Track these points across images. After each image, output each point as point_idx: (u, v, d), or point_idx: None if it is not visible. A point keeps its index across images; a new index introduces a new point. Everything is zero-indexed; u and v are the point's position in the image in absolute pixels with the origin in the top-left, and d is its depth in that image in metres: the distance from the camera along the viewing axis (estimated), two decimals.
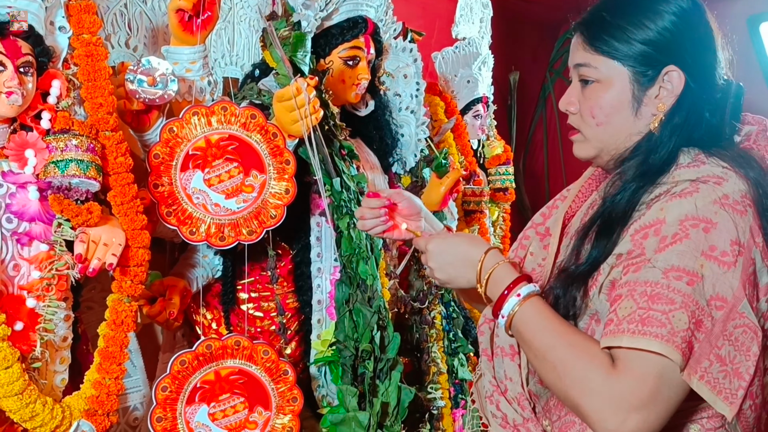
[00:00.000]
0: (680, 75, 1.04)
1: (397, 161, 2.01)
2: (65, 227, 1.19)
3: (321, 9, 1.60)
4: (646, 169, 1.04)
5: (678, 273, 0.94)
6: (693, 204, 0.97)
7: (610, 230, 1.04)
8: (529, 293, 1.04)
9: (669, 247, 0.95)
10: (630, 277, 0.97)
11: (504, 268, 1.07)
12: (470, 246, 1.12)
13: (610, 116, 1.07)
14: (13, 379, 1.12)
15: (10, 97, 1.11)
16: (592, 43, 1.08)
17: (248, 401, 1.49)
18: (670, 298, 0.93)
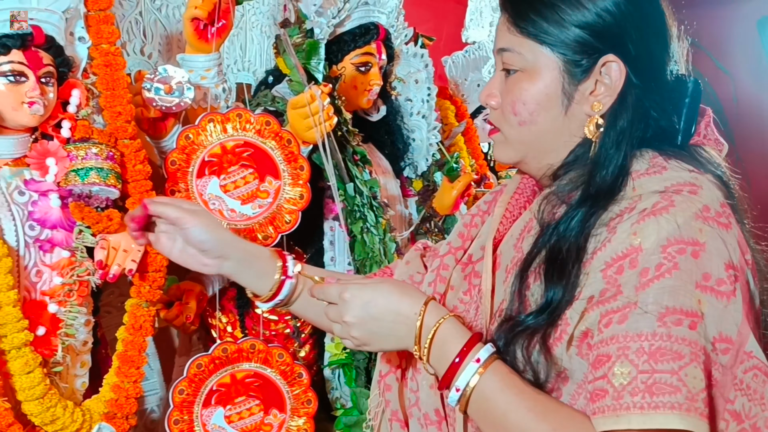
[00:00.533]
0: (620, 67, 0.85)
1: (409, 165, 2.02)
2: (86, 234, 1.21)
3: (333, 16, 1.62)
4: (595, 192, 0.84)
5: (676, 316, 0.75)
6: (673, 223, 0.78)
7: (562, 269, 0.83)
8: (489, 357, 0.83)
9: (654, 282, 0.76)
10: (616, 330, 0.77)
11: (450, 325, 0.86)
12: (403, 296, 0.89)
13: (534, 114, 0.89)
14: (34, 383, 1.14)
15: (32, 107, 1.14)
16: (517, 24, 0.89)
17: (263, 404, 1.51)
18: (676, 351, 0.74)
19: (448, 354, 0.84)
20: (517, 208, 1.01)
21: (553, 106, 0.88)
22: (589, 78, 0.87)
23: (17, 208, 1.18)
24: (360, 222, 1.63)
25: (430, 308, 0.87)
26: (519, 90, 0.89)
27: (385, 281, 0.95)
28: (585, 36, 0.86)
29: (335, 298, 0.92)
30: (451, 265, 1.02)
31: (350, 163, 1.64)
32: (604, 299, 0.79)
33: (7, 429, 1.10)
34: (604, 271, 0.79)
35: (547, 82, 0.88)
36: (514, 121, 0.90)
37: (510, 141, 0.93)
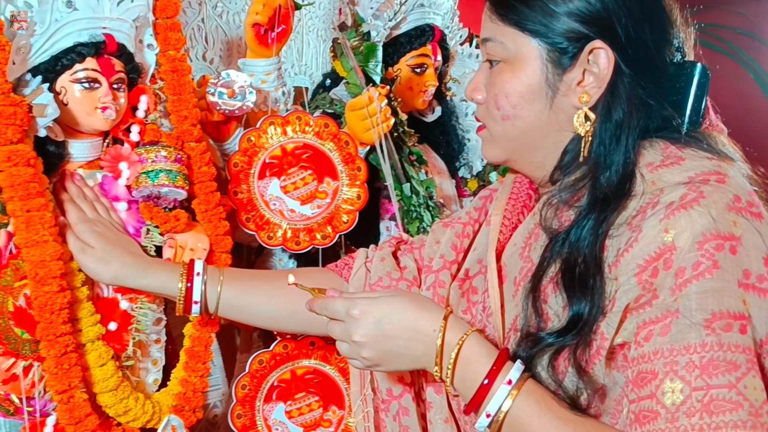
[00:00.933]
0: (609, 55, 0.78)
1: (464, 166, 2.03)
2: (154, 233, 1.26)
3: (390, 19, 1.64)
4: (603, 193, 0.77)
5: (724, 320, 0.68)
6: (707, 216, 0.70)
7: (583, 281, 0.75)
8: (520, 377, 0.77)
9: (692, 282, 0.69)
10: (659, 344, 0.69)
11: (474, 341, 0.79)
12: (419, 311, 0.81)
13: (517, 107, 0.82)
14: (107, 375, 1.19)
15: (105, 112, 1.19)
16: (498, 11, 0.83)
17: (323, 400, 1.54)
18: (731, 361, 0.67)
19: (475, 374, 0.77)
20: (514, 214, 0.94)
21: (536, 99, 0.81)
22: (575, 67, 0.80)
23: None
24: (416, 222, 1.65)
25: (450, 323, 0.80)
26: (501, 82, 0.83)
27: (397, 294, 0.87)
28: (570, 21, 0.79)
29: (341, 315, 0.84)
30: (447, 282, 0.95)
31: (406, 164, 1.66)
32: (638, 305, 0.72)
33: (84, 419, 1.15)
34: (638, 275, 0.72)
35: (529, 72, 0.81)
36: (497, 115, 0.84)
37: (495, 138, 0.87)
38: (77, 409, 1.14)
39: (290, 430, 1.51)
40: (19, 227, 1.09)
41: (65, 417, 1.14)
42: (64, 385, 1.13)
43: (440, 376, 0.80)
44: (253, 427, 1.50)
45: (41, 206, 1.11)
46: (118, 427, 1.24)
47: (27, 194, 1.09)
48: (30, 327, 1.11)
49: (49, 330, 1.11)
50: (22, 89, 1.12)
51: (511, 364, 0.78)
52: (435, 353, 0.79)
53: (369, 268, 1.13)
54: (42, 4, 1.10)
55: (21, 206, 1.09)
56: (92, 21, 1.16)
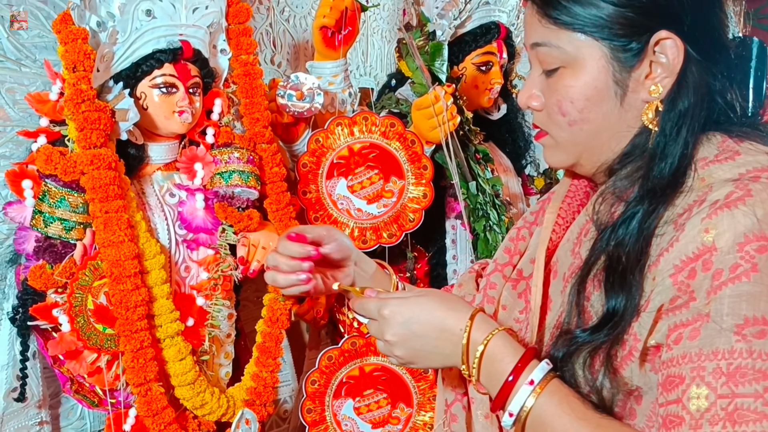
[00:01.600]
0: (677, 43, 0.74)
1: (531, 163, 2.01)
2: (228, 232, 1.30)
3: (455, 17, 1.64)
4: (653, 186, 0.75)
5: (758, 327, 0.65)
6: (751, 216, 0.67)
7: (623, 277, 0.74)
8: (544, 376, 0.76)
9: (727, 285, 0.66)
10: (687, 347, 0.67)
11: (501, 340, 0.78)
12: (447, 310, 0.81)
13: (585, 111, 0.78)
14: (186, 369, 1.23)
15: (182, 116, 1.23)
16: (548, 14, 0.78)
17: (391, 397, 1.55)
18: (760, 370, 0.64)
19: (500, 372, 0.77)
20: (570, 213, 0.92)
21: (605, 100, 0.77)
22: (642, 61, 0.76)
23: (168, 209, 1.28)
24: (483, 220, 1.64)
25: (477, 322, 0.79)
26: (564, 88, 0.79)
27: (427, 294, 0.86)
28: (628, 15, 0.74)
29: (374, 314, 0.85)
30: (499, 284, 0.94)
31: (472, 162, 1.66)
32: (674, 307, 0.69)
33: (161, 411, 1.19)
34: (674, 276, 0.70)
35: (594, 73, 0.77)
36: (563, 122, 0.80)
37: (561, 144, 0.83)
38: (154, 402, 1.19)
39: (359, 426, 1.53)
40: (98, 227, 1.14)
41: (143, 409, 1.19)
42: (141, 379, 1.18)
43: (467, 374, 0.80)
44: (323, 422, 1.52)
45: (119, 208, 1.15)
46: (195, 420, 1.28)
47: (107, 196, 1.14)
48: (111, 322, 1.17)
49: (126, 326, 1.16)
50: (105, 95, 1.17)
51: (536, 363, 0.77)
52: (462, 351, 0.79)
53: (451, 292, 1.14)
54: (124, 13, 1.15)
55: (101, 207, 1.14)
56: (170, 28, 1.20)
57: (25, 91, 1.19)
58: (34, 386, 1.25)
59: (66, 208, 1.14)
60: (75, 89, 1.10)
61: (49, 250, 1.14)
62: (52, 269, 1.14)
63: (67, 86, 1.11)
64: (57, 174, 1.12)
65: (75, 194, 1.14)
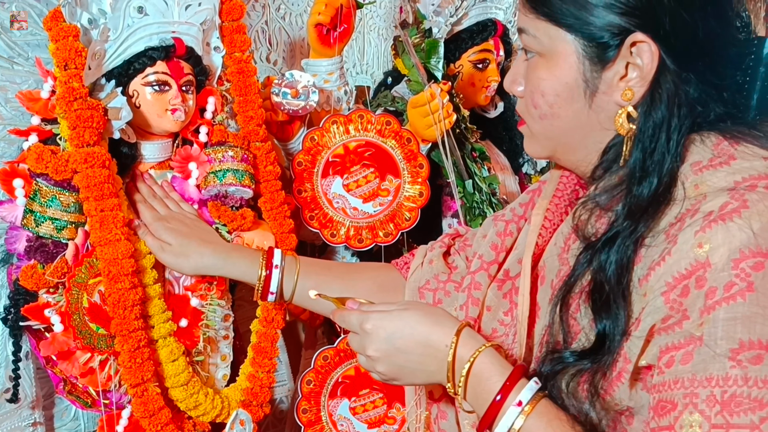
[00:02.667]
0: (651, 48, 0.71)
1: (528, 162, 2.00)
2: (222, 231, 1.29)
3: (451, 15, 1.63)
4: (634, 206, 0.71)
5: (754, 351, 0.61)
6: (747, 229, 0.63)
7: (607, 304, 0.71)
8: (533, 396, 0.74)
9: (721, 305, 0.62)
10: (679, 372, 0.64)
11: (488, 357, 0.76)
12: (432, 325, 0.79)
13: (555, 107, 0.77)
14: (179, 370, 1.23)
15: (175, 114, 1.22)
16: (530, 3, 0.77)
17: (387, 397, 1.54)
18: (756, 399, 0.60)
19: (487, 392, 0.74)
20: (557, 214, 0.90)
21: (574, 98, 0.76)
22: (615, 62, 0.73)
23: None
24: (479, 219, 1.63)
25: (463, 338, 0.77)
26: (537, 79, 0.78)
27: (410, 307, 0.83)
28: (606, 13, 0.72)
29: (356, 328, 0.83)
30: (484, 284, 0.91)
31: (469, 160, 1.65)
32: (666, 327, 0.66)
33: (158, 412, 1.18)
34: (666, 294, 0.66)
35: (566, 69, 0.75)
36: (535, 114, 0.80)
37: (535, 135, 0.82)
38: (150, 402, 1.18)
39: (354, 426, 1.52)
40: (94, 226, 1.13)
41: (139, 410, 1.18)
42: (138, 379, 1.17)
43: (453, 392, 0.78)
44: (318, 422, 1.51)
45: (114, 206, 1.14)
46: (189, 420, 1.27)
47: (101, 194, 1.13)
48: (105, 322, 1.16)
49: (122, 325, 1.15)
50: (97, 93, 1.16)
51: (525, 382, 0.75)
52: (447, 368, 0.77)
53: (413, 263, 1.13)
54: (115, 10, 1.14)
55: (96, 206, 1.13)
56: (162, 26, 1.19)
57: (17, 89, 1.18)
58: (27, 387, 1.24)
59: (57, 208, 1.13)
60: (67, 87, 1.09)
61: (40, 250, 1.13)
62: (43, 269, 1.13)
63: (59, 84, 1.10)
64: (48, 173, 1.11)
65: (66, 193, 1.13)
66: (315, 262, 1.22)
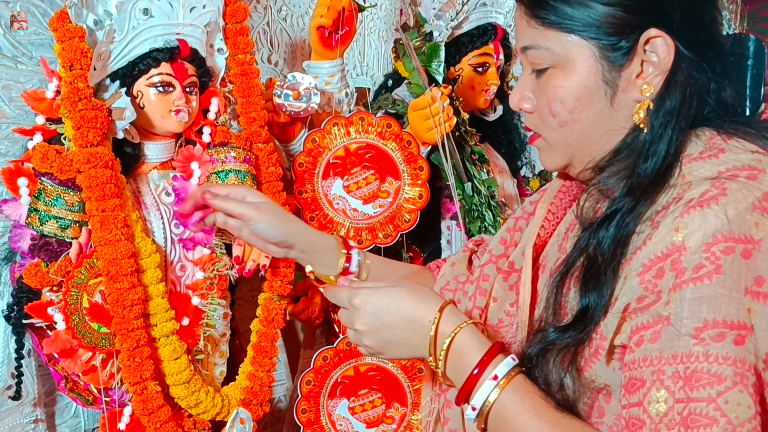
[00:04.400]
0: (667, 41, 0.73)
1: (526, 165, 2.02)
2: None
3: (452, 18, 1.64)
4: (636, 184, 0.74)
5: (717, 329, 0.64)
6: (722, 216, 0.66)
7: (596, 276, 0.73)
8: (508, 372, 0.75)
9: (688, 285, 0.65)
10: (648, 350, 0.67)
11: (468, 333, 0.78)
12: (417, 302, 0.81)
13: (575, 112, 0.77)
14: (181, 368, 1.23)
15: (179, 115, 1.23)
16: (536, 14, 0.78)
17: (385, 397, 1.55)
18: (715, 374, 0.63)
19: (465, 366, 0.76)
20: (561, 209, 0.92)
21: (595, 100, 0.76)
22: (632, 60, 0.75)
23: (164, 208, 1.28)
24: (478, 221, 1.65)
25: (446, 314, 0.79)
26: (553, 89, 0.78)
27: (398, 285, 0.85)
28: (617, 13, 0.74)
29: (345, 303, 0.85)
30: (492, 275, 0.93)
31: (468, 163, 1.66)
32: (641, 307, 0.68)
33: (158, 410, 1.19)
34: (641, 275, 0.69)
35: (584, 74, 0.76)
36: (553, 123, 0.80)
37: (554, 145, 0.82)
38: (151, 400, 1.19)
39: (353, 425, 1.53)
40: (95, 226, 1.14)
41: (139, 407, 1.19)
42: (137, 377, 1.18)
43: (434, 366, 0.80)
44: (317, 422, 1.52)
45: (116, 206, 1.15)
46: (189, 419, 1.28)
47: (103, 195, 1.14)
48: (106, 321, 1.17)
49: (122, 325, 1.16)
50: (101, 94, 1.17)
51: (502, 358, 0.77)
52: (429, 343, 0.79)
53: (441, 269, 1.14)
54: (121, 12, 1.15)
55: (97, 206, 1.14)
56: (167, 27, 1.20)
57: (22, 88, 1.19)
58: (29, 384, 1.25)
59: (62, 207, 1.14)
60: (72, 87, 1.10)
61: (44, 249, 1.14)
62: (47, 267, 1.14)
63: (64, 84, 1.11)
64: (53, 172, 1.12)
65: (71, 192, 1.14)
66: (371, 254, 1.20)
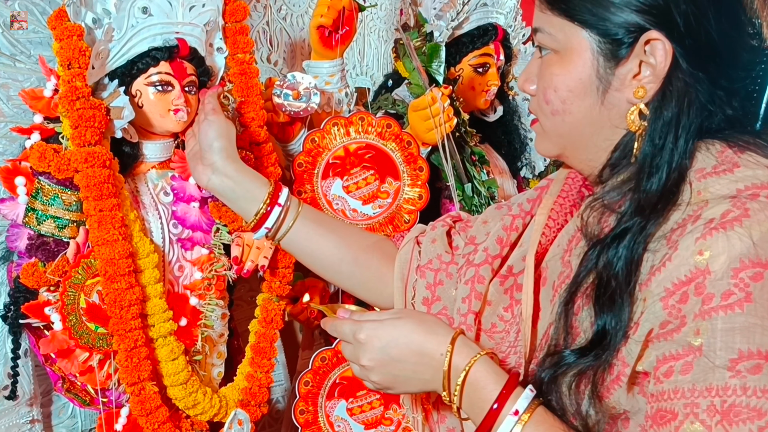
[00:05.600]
0: (665, 47, 0.72)
1: (526, 165, 2.01)
2: (223, 232, 1.29)
3: (453, 19, 1.64)
4: (644, 202, 0.72)
5: (753, 361, 0.62)
6: (747, 239, 0.63)
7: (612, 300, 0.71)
8: (528, 406, 0.74)
9: (718, 313, 0.63)
10: (679, 382, 0.65)
11: (483, 365, 0.76)
12: (426, 334, 0.79)
13: (567, 102, 0.77)
14: (179, 369, 1.23)
15: (177, 114, 1.22)
16: (547, 1, 0.79)
17: (384, 398, 1.55)
18: (755, 408, 0.61)
19: (483, 401, 0.75)
20: (561, 214, 0.90)
21: (587, 94, 0.76)
22: (629, 59, 0.74)
23: (163, 208, 1.27)
24: None
25: (458, 346, 0.77)
26: (550, 75, 0.78)
27: (404, 315, 0.83)
28: (622, 10, 0.73)
29: (349, 338, 0.83)
30: (487, 278, 0.91)
31: (468, 164, 1.66)
32: (664, 332, 0.67)
33: (155, 410, 1.19)
34: (665, 299, 0.67)
35: (579, 66, 0.75)
36: (546, 110, 0.80)
37: (547, 132, 0.82)
38: (148, 401, 1.18)
39: (352, 427, 1.52)
40: (92, 225, 1.13)
41: (137, 408, 1.18)
42: (135, 378, 1.17)
43: (449, 401, 0.78)
44: (315, 423, 1.52)
45: (113, 206, 1.14)
46: (187, 419, 1.28)
47: (101, 194, 1.13)
48: (104, 321, 1.16)
49: (119, 325, 1.15)
50: (100, 92, 1.16)
51: (521, 390, 0.75)
52: (443, 377, 0.77)
53: (420, 242, 1.10)
54: (120, 11, 1.14)
55: (95, 206, 1.13)
56: (166, 26, 1.19)
57: (20, 87, 1.18)
58: (25, 384, 1.24)
59: (59, 206, 1.13)
60: (70, 86, 1.09)
61: (41, 248, 1.13)
62: (44, 267, 1.13)
63: (62, 83, 1.10)
64: (50, 171, 1.11)
65: (68, 192, 1.13)
66: (317, 213, 1.16)
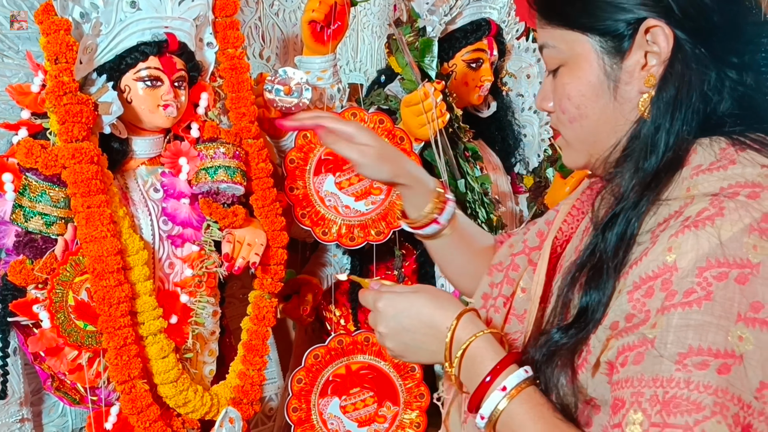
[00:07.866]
0: (665, 31, 0.72)
1: (520, 161, 2.01)
2: (213, 229, 1.28)
3: (446, 14, 1.63)
4: (641, 179, 0.72)
5: (701, 357, 0.62)
6: (715, 239, 0.64)
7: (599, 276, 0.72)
8: (518, 384, 0.75)
9: (676, 309, 0.64)
10: (631, 371, 0.66)
11: (483, 342, 0.79)
12: (436, 308, 0.83)
13: (581, 107, 0.78)
14: (169, 367, 1.22)
15: (167, 110, 1.21)
16: (543, 15, 0.80)
17: (377, 396, 1.54)
18: (695, 402, 0.62)
19: (478, 374, 0.77)
20: (585, 205, 0.91)
21: (599, 94, 0.77)
22: (632, 52, 0.74)
23: (153, 204, 1.26)
24: (471, 218, 1.63)
25: (463, 322, 0.80)
26: (562, 86, 0.79)
27: (421, 290, 0.87)
28: (614, 5, 0.74)
29: (371, 306, 0.88)
30: (522, 266, 0.93)
31: (461, 160, 1.65)
32: (628, 327, 0.68)
33: (146, 408, 1.18)
34: (631, 293, 0.68)
35: (586, 68, 0.77)
36: (564, 120, 0.81)
37: (569, 142, 0.83)
38: (139, 399, 1.17)
39: (345, 424, 1.52)
40: (80, 222, 1.12)
41: (128, 406, 1.17)
42: (125, 376, 1.16)
43: (450, 372, 0.81)
44: (308, 421, 1.51)
45: (101, 203, 1.13)
46: (178, 418, 1.27)
47: (89, 191, 1.12)
48: (92, 319, 1.15)
49: (109, 323, 1.14)
50: (88, 88, 1.15)
51: (515, 368, 0.77)
52: (446, 348, 0.81)
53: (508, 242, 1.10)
54: (107, 5, 1.13)
55: (83, 202, 1.12)
56: (155, 21, 1.18)
57: (7, 82, 1.17)
58: (15, 383, 1.23)
59: (47, 203, 1.12)
60: (57, 81, 1.08)
61: (29, 245, 1.12)
62: (32, 265, 1.12)
63: (49, 78, 1.09)
64: (38, 168, 1.10)
65: (56, 188, 1.12)
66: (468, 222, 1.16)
